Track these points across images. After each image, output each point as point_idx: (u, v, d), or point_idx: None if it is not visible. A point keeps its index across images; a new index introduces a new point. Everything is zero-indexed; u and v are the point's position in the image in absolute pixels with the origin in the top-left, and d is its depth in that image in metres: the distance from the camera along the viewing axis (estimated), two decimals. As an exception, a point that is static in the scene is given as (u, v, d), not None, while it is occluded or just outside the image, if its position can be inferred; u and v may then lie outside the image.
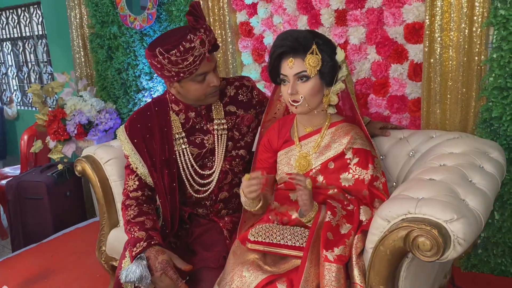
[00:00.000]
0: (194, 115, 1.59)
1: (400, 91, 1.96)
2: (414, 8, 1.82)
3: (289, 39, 1.37)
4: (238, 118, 1.64)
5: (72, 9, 3.25)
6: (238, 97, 1.66)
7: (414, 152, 1.67)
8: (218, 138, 1.60)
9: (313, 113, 1.45)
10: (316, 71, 1.36)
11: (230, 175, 1.63)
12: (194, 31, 1.39)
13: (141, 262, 1.38)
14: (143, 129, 1.58)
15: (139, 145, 1.57)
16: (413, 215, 1.16)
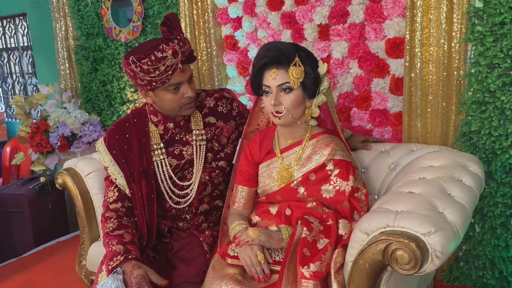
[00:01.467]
0: (172, 126, 1.59)
1: (382, 105, 1.98)
2: (395, 23, 1.86)
3: (273, 50, 1.38)
4: (218, 129, 1.64)
5: (58, 21, 3.24)
6: (218, 108, 1.66)
7: (395, 165, 1.69)
8: (197, 149, 1.60)
9: (295, 125, 1.45)
10: (299, 83, 1.37)
11: (209, 186, 1.63)
12: (167, 41, 1.40)
13: (117, 276, 1.35)
14: (121, 140, 1.58)
15: (117, 156, 1.57)
16: (392, 228, 1.17)
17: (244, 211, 1.57)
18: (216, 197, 1.67)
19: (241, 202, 1.56)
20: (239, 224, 1.48)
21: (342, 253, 1.34)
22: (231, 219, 1.54)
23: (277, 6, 2.17)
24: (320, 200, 1.44)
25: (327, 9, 2.01)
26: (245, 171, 1.56)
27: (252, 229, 1.38)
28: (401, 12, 1.83)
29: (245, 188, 1.56)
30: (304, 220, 1.36)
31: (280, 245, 1.38)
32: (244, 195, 1.56)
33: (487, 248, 1.82)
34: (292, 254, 1.31)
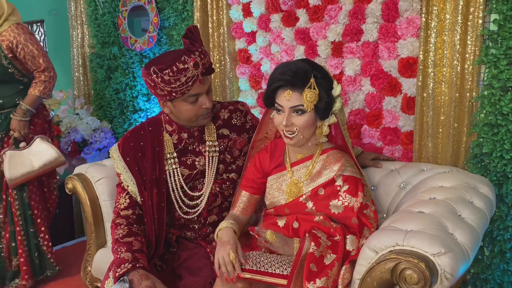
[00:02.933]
0: (186, 136, 1.61)
1: (393, 123, 1.98)
2: (409, 43, 1.87)
3: (288, 74, 1.37)
4: (231, 142, 1.65)
5: (75, 28, 3.31)
6: (232, 120, 1.68)
7: (405, 184, 1.68)
8: (209, 160, 1.61)
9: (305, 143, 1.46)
10: (312, 106, 1.36)
11: (219, 198, 1.63)
12: (189, 53, 1.43)
13: (124, 285, 1.36)
14: (135, 147, 1.59)
15: (131, 163, 1.58)
16: (401, 247, 1.17)
17: (241, 216, 1.57)
18: (225, 209, 1.67)
19: (240, 206, 1.57)
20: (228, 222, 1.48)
21: (349, 270, 1.34)
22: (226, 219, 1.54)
23: (291, 22, 2.20)
24: (328, 216, 1.44)
25: (341, 26, 2.04)
26: (251, 178, 1.57)
27: (271, 231, 1.39)
28: (415, 33, 1.85)
29: (246, 194, 1.57)
30: (312, 235, 1.36)
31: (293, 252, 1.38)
32: (245, 200, 1.57)
33: (496, 273, 1.80)
34: (299, 269, 1.30)
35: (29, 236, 2.41)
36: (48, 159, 2.32)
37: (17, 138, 2.32)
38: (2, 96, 2.29)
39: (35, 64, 2.30)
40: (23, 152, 2.28)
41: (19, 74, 2.31)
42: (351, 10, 1.99)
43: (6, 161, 2.23)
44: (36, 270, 2.44)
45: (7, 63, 2.26)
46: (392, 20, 1.90)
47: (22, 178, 2.28)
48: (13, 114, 2.29)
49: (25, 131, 2.32)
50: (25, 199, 2.37)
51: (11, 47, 2.25)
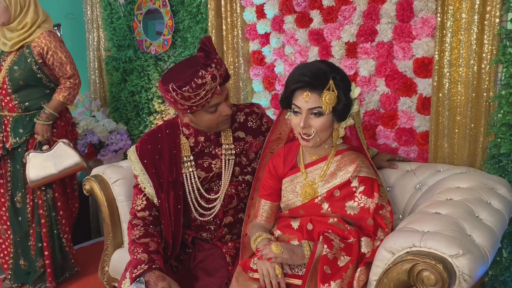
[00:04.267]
0: (203, 139, 1.62)
1: (409, 124, 1.97)
2: (424, 43, 1.86)
3: (307, 75, 1.35)
4: (247, 144, 1.66)
5: (91, 32, 3.36)
6: (248, 123, 1.68)
7: (421, 185, 1.67)
8: (225, 163, 1.62)
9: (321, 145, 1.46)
10: (331, 108, 1.35)
11: (235, 199, 1.64)
12: (206, 67, 1.43)
13: (140, 285, 1.38)
14: (153, 150, 1.61)
15: (148, 165, 1.60)
16: (418, 248, 1.16)
17: (266, 225, 1.58)
18: (241, 210, 1.68)
19: (263, 216, 1.57)
20: (261, 236, 1.49)
21: (365, 272, 1.33)
22: (253, 231, 1.55)
23: (305, 23, 2.20)
24: (343, 217, 1.44)
25: (355, 27, 2.03)
26: (268, 185, 1.57)
27: (276, 244, 1.37)
28: (430, 32, 1.84)
29: (267, 202, 1.57)
30: (325, 237, 1.36)
31: (303, 261, 1.37)
32: (267, 209, 1.57)
33: (515, 275, 1.78)
34: (313, 272, 1.30)
35: (54, 237, 2.46)
36: (69, 164, 2.38)
37: (41, 141, 2.38)
38: (29, 99, 2.36)
39: (62, 71, 2.38)
40: (45, 155, 2.34)
41: (47, 79, 2.39)
42: (365, 10, 1.99)
43: (28, 163, 2.30)
44: (57, 272, 2.49)
45: (37, 68, 2.33)
46: (407, 20, 1.89)
47: (42, 180, 2.33)
48: (36, 118, 2.36)
49: (47, 134, 2.38)
50: (50, 201, 2.43)
51: (42, 53, 2.33)
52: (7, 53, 2.34)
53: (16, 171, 2.41)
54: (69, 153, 2.39)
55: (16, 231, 2.44)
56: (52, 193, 2.44)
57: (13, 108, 2.36)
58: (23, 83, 2.33)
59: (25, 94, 2.35)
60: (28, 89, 2.36)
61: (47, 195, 2.42)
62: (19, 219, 2.43)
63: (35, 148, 2.37)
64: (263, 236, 1.48)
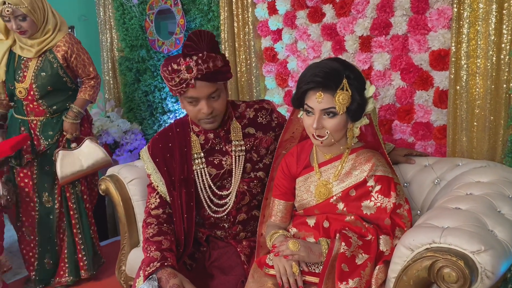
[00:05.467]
0: (213, 136, 1.62)
1: (425, 118, 1.93)
2: (440, 35, 1.82)
3: (320, 75, 1.31)
4: (257, 140, 1.65)
5: (104, 33, 3.39)
6: (257, 119, 1.68)
7: (440, 180, 1.63)
8: (235, 159, 1.62)
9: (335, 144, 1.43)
10: (345, 108, 1.32)
11: (247, 196, 1.64)
12: (185, 56, 1.43)
13: (153, 283, 1.38)
14: (164, 149, 1.63)
15: (160, 164, 1.62)
16: (438, 245, 1.13)
17: (281, 224, 1.56)
18: (254, 207, 1.67)
19: (278, 215, 1.56)
20: (278, 232, 1.47)
21: (383, 270, 1.31)
22: (268, 230, 1.54)
23: (317, 18, 2.18)
24: (360, 216, 1.41)
25: (369, 20, 2.00)
26: (282, 184, 1.55)
27: (293, 241, 1.35)
28: (447, 24, 1.79)
29: (281, 202, 1.56)
30: (342, 235, 1.34)
31: (320, 259, 1.35)
32: (281, 208, 1.56)
33: (538, 270, 1.73)
34: (330, 270, 1.28)
35: (85, 229, 2.53)
36: (96, 159, 2.45)
37: (69, 139, 2.46)
38: (56, 102, 2.43)
39: (85, 72, 2.46)
40: (74, 152, 2.42)
41: (70, 82, 2.46)
42: (378, 3, 1.95)
43: (58, 160, 2.36)
44: (90, 264, 2.53)
45: (62, 72, 2.40)
46: (422, 12, 1.85)
47: (71, 176, 2.40)
48: (65, 117, 2.43)
49: (76, 132, 2.46)
50: (78, 193, 2.51)
51: (66, 57, 2.39)
52: (27, 59, 2.37)
53: (44, 171, 2.47)
54: (96, 149, 2.46)
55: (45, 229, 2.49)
56: (80, 187, 2.52)
57: (42, 112, 2.42)
58: (51, 88, 2.39)
59: (51, 98, 2.42)
60: (54, 92, 2.42)
61: (75, 187, 2.50)
62: (50, 217, 2.48)
63: (64, 146, 2.44)
64: (279, 232, 1.47)
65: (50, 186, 2.47)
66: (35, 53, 2.35)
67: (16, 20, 2.23)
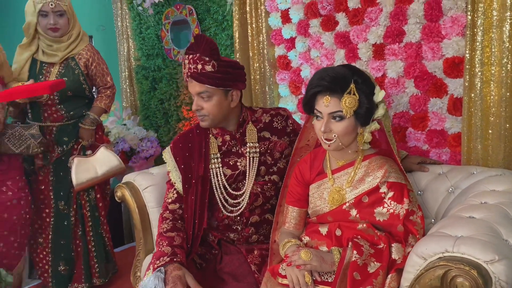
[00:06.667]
0: (229, 138, 1.69)
1: (440, 125, 1.92)
2: (454, 42, 1.81)
3: (326, 79, 1.35)
4: (271, 143, 1.71)
5: (121, 42, 3.46)
6: (273, 124, 1.73)
7: (454, 189, 1.62)
8: (250, 160, 1.67)
9: (345, 150, 1.44)
10: (352, 112, 1.34)
11: (261, 198, 1.68)
12: (185, 54, 1.59)
13: (159, 275, 1.44)
14: (184, 148, 1.72)
15: (179, 162, 1.70)
16: (451, 254, 1.13)
17: (295, 231, 1.57)
18: (267, 211, 1.70)
19: (291, 222, 1.57)
20: (290, 241, 1.48)
21: (396, 278, 1.30)
22: (281, 237, 1.55)
23: (331, 26, 2.19)
24: (373, 223, 1.41)
25: (382, 28, 2.00)
26: (295, 191, 1.57)
27: (305, 250, 1.36)
28: (461, 31, 1.79)
29: (295, 209, 1.57)
30: (354, 243, 1.34)
31: (332, 268, 1.35)
32: (295, 215, 1.57)
33: (557, 281, 1.69)
34: (342, 278, 1.28)
35: (98, 237, 2.56)
36: (110, 166, 2.49)
37: (85, 146, 2.51)
38: (74, 108, 2.49)
39: (102, 81, 2.55)
40: (89, 159, 2.46)
41: (88, 90, 2.53)
42: (392, 11, 1.96)
43: (73, 167, 2.41)
44: (102, 272, 2.57)
45: (83, 79, 2.47)
46: (436, 19, 1.85)
47: (86, 183, 2.45)
48: (81, 123, 2.48)
49: (92, 139, 2.52)
50: (92, 201, 2.54)
51: (87, 65, 2.48)
52: (48, 66, 2.44)
53: (59, 178, 2.51)
54: (111, 156, 2.50)
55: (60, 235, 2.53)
56: (94, 194, 2.54)
57: (59, 118, 2.47)
58: (71, 94, 2.45)
59: (70, 104, 2.47)
60: (73, 98, 2.48)
61: (90, 195, 2.54)
62: (64, 223, 2.52)
63: (79, 153, 2.49)
64: (292, 242, 1.47)
65: (66, 194, 2.50)
66: (60, 58, 2.42)
67: (54, 16, 2.35)
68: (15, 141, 2.30)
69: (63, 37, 2.42)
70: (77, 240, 2.55)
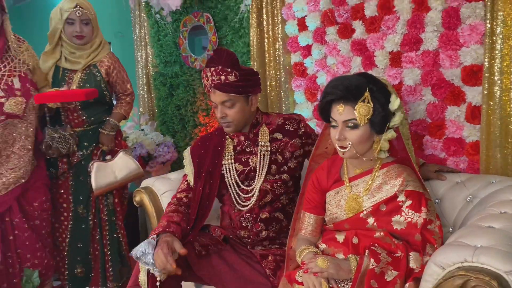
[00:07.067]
0: (243, 138, 1.80)
1: (457, 134, 1.91)
2: (472, 50, 1.81)
3: (339, 88, 1.37)
4: (282, 143, 1.78)
5: (139, 49, 3.52)
6: (285, 126, 1.82)
7: (472, 197, 1.61)
8: (261, 157, 1.76)
9: (362, 158, 1.44)
10: (366, 120, 1.35)
11: (270, 194, 1.76)
12: (206, 67, 1.68)
13: (151, 241, 1.54)
14: (201, 146, 1.86)
15: (194, 157, 1.84)
16: (470, 264, 1.12)
17: (311, 238, 1.57)
18: (277, 209, 1.78)
19: (308, 229, 1.57)
20: (307, 248, 1.49)
21: (413, 287, 1.30)
22: (298, 244, 1.55)
23: (347, 34, 2.20)
24: (390, 232, 1.41)
25: (399, 36, 2.01)
26: (312, 198, 1.57)
27: (322, 258, 1.37)
28: (479, 39, 1.78)
29: (312, 216, 1.58)
30: (371, 251, 1.34)
31: (349, 276, 1.36)
32: (312, 222, 1.57)
33: None
34: (359, 286, 1.29)
35: (114, 241, 2.60)
36: (129, 171, 2.54)
37: (105, 151, 2.55)
38: (94, 113, 2.54)
39: (122, 88, 2.60)
40: (108, 164, 2.50)
41: (108, 97, 2.59)
42: (409, 19, 1.96)
43: (93, 171, 2.45)
44: (116, 276, 2.61)
45: (104, 86, 2.53)
46: (454, 27, 1.85)
47: (105, 188, 2.49)
48: (101, 129, 2.53)
49: (112, 145, 2.56)
50: (110, 206, 2.58)
51: (108, 72, 2.53)
52: (71, 72, 2.50)
53: (79, 183, 2.55)
54: (129, 161, 2.55)
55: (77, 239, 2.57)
56: (113, 199, 2.58)
57: (80, 123, 2.51)
58: (92, 100, 2.49)
59: (91, 110, 2.52)
60: (94, 105, 2.52)
61: (108, 200, 2.57)
62: (82, 227, 2.56)
63: (99, 158, 2.53)
64: (309, 249, 1.48)
65: (86, 199, 2.54)
66: (82, 65, 2.47)
67: (80, 24, 2.41)
68: (62, 143, 2.40)
69: (86, 44, 2.48)
70: (95, 244, 2.59)
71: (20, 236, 2.31)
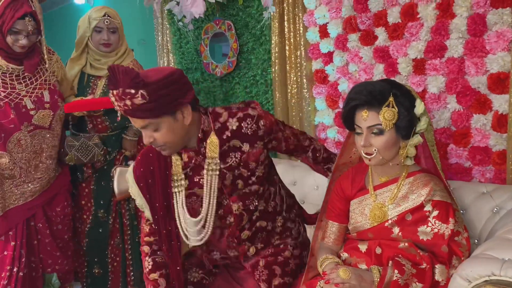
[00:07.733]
0: (194, 154, 1.49)
1: (483, 142, 1.87)
2: (499, 58, 1.77)
3: (363, 93, 1.35)
4: (244, 155, 1.49)
5: (162, 56, 3.56)
6: (242, 130, 1.49)
7: (499, 209, 1.57)
8: (207, 180, 1.47)
9: (388, 164, 1.42)
10: (391, 125, 1.33)
11: (245, 216, 1.54)
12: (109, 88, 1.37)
13: None
14: (146, 173, 1.53)
15: (143, 189, 1.53)
16: (498, 278, 1.09)
17: (334, 247, 1.56)
18: (257, 219, 1.57)
19: (331, 237, 1.56)
20: (328, 258, 1.47)
21: (438, 300, 1.27)
22: (320, 253, 1.54)
23: (370, 41, 2.18)
24: (415, 242, 1.38)
25: (423, 43, 1.98)
26: (336, 206, 1.56)
27: (344, 269, 1.34)
28: (506, 46, 1.74)
29: (335, 224, 1.56)
30: (395, 262, 1.32)
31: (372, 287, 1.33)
32: (334, 230, 1.55)
33: None
34: (383, 297, 1.27)
35: (136, 245, 2.60)
36: None
37: (127, 156, 2.59)
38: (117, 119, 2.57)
39: None
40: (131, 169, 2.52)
41: None
42: (433, 26, 1.93)
43: (115, 176, 2.48)
44: (138, 281, 2.63)
45: None
46: (480, 34, 1.81)
47: (127, 193, 2.50)
48: (125, 134, 2.57)
49: (134, 150, 2.60)
50: (132, 210, 2.61)
51: None
52: (95, 79, 2.55)
53: (101, 187, 2.59)
54: None
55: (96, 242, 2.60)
56: (134, 204, 2.61)
57: (104, 128, 2.56)
58: None
59: (114, 116, 2.53)
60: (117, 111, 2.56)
61: (130, 204, 2.60)
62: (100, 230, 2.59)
63: (121, 163, 2.57)
64: (330, 258, 1.46)
65: (107, 203, 2.58)
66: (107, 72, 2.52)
67: (108, 32, 2.47)
68: (83, 152, 2.43)
69: (112, 52, 2.53)
70: (114, 248, 2.62)
71: (42, 241, 2.36)
